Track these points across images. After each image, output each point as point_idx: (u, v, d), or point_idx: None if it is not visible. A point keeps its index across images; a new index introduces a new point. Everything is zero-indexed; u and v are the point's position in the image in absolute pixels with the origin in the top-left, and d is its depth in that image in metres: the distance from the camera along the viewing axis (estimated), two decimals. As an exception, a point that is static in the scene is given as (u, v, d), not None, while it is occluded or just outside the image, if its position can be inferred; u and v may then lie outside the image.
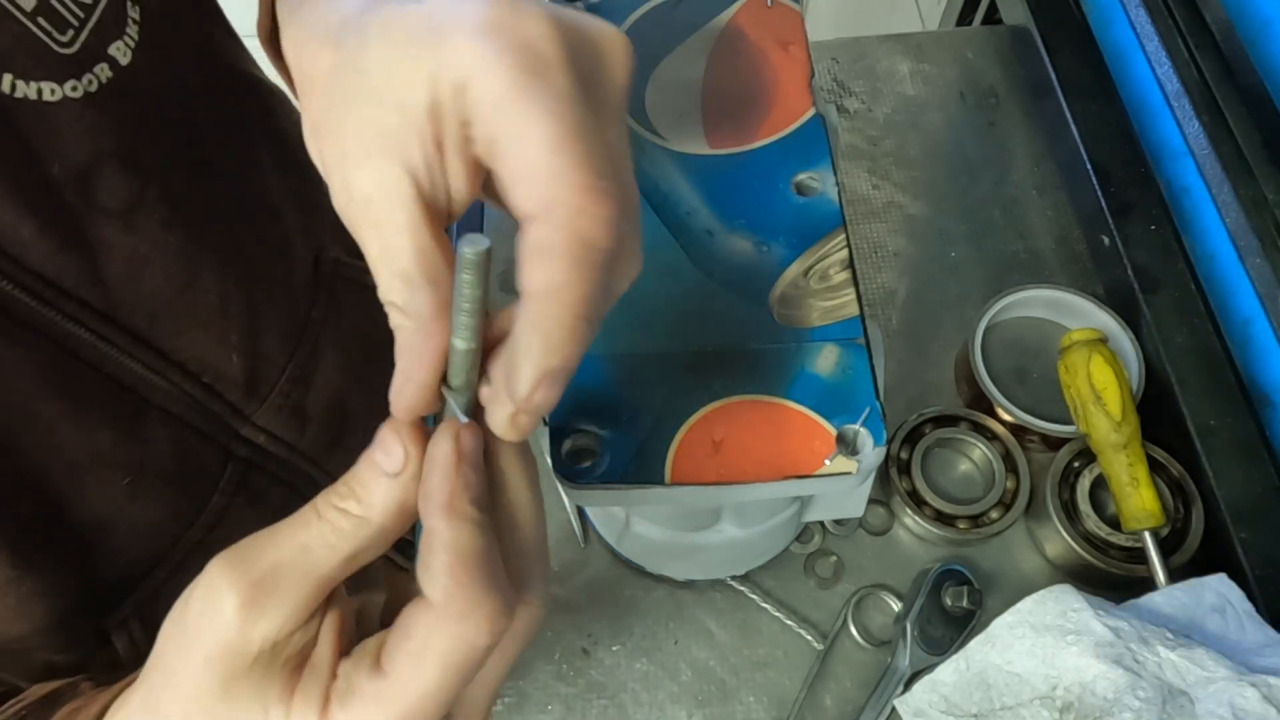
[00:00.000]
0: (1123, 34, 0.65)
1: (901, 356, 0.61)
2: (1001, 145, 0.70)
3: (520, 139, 0.24)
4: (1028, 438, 0.56)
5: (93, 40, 0.35)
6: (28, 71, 0.33)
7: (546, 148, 0.24)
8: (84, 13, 0.35)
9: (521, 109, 0.24)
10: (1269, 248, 0.52)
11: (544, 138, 0.24)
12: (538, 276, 0.25)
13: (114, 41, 0.36)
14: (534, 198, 0.24)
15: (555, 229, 0.24)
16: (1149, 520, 0.50)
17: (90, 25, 0.35)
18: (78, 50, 0.35)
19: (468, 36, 0.24)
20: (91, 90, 0.35)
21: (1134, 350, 0.56)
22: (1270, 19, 0.53)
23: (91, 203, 0.37)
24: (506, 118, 0.24)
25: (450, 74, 0.24)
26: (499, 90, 0.24)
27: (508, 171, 0.25)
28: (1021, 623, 0.45)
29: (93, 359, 0.39)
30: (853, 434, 0.38)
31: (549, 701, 0.52)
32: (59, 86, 0.34)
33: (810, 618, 0.54)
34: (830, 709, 0.52)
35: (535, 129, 0.24)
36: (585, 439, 0.38)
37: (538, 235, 0.24)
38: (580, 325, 0.25)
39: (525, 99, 0.24)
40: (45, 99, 0.34)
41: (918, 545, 0.56)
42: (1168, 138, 0.61)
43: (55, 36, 0.34)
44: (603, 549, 0.56)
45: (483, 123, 0.25)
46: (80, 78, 0.35)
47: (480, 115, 0.24)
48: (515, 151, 0.24)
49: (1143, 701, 0.41)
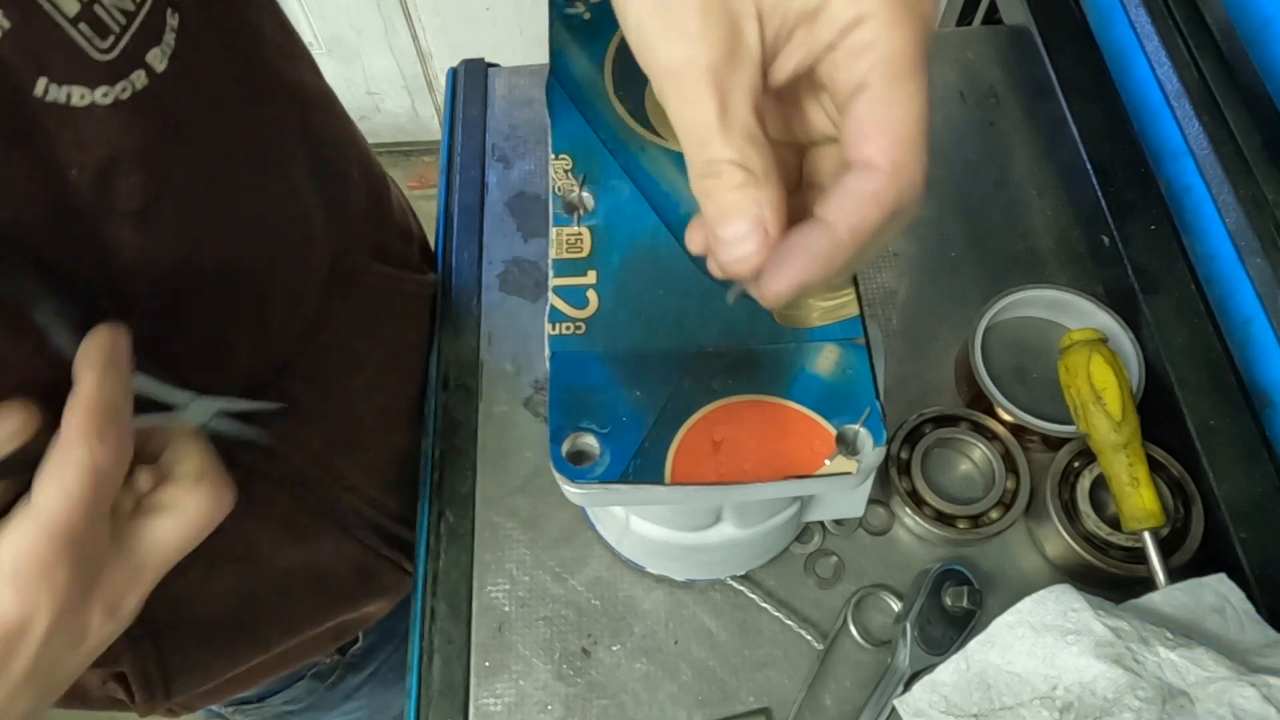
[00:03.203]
0: (1123, 34, 0.65)
1: (901, 356, 0.61)
2: (1001, 145, 0.70)
3: (897, 99, 0.28)
4: (1028, 438, 0.56)
5: (131, 47, 0.35)
6: (63, 76, 0.33)
7: (914, 121, 0.28)
8: (126, 19, 0.35)
9: (909, 77, 0.28)
10: (1269, 248, 0.52)
11: (915, 112, 0.28)
12: (854, 215, 0.29)
13: (152, 48, 0.36)
14: (887, 154, 0.28)
15: (892, 186, 0.28)
16: (1149, 520, 0.50)
17: (131, 32, 0.35)
18: (116, 57, 0.34)
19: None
20: (124, 97, 0.35)
21: (1134, 350, 0.56)
22: (1270, 19, 0.53)
23: (107, 203, 0.37)
24: (893, 73, 0.28)
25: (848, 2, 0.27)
26: (897, 48, 0.27)
27: (872, 121, 0.28)
28: (1021, 623, 0.45)
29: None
30: (853, 434, 0.38)
31: (549, 701, 0.52)
32: (90, 92, 0.34)
33: (810, 618, 0.54)
34: (830, 709, 0.52)
35: (912, 99, 0.28)
36: (585, 439, 0.38)
37: (874, 184, 0.28)
38: (849, 264, 0.30)
39: (915, 69, 0.28)
40: (74, 103, 0.34)
41: (918, 545, 0.56)
42: (1168, 138, 0.61)
43: (96, 43, 0.34)
44: (603, 549, 0.56)
45: (865, 63, 0.28)
46: (115, 84, 0.35)
47: (867, 57, 0.28)
48: (888, 105, 0.28)
49: (1143, 701, 0.41)
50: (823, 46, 0.28)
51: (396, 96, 1.85)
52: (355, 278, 0.55)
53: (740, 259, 0.30)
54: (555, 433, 0.38)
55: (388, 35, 1.70)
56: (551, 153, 0.45)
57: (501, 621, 0.54)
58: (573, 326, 0.41)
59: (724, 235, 0.30)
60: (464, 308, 0.64)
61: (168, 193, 0.39)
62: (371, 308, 0.56)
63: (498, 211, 0.68)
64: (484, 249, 0.66)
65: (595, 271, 0.42)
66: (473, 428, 0.60)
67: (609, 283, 0.42)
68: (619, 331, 0.41)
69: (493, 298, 0.65)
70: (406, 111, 1.89)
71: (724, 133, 0.28)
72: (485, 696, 0.53)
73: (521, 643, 0.54)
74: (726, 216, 0.30)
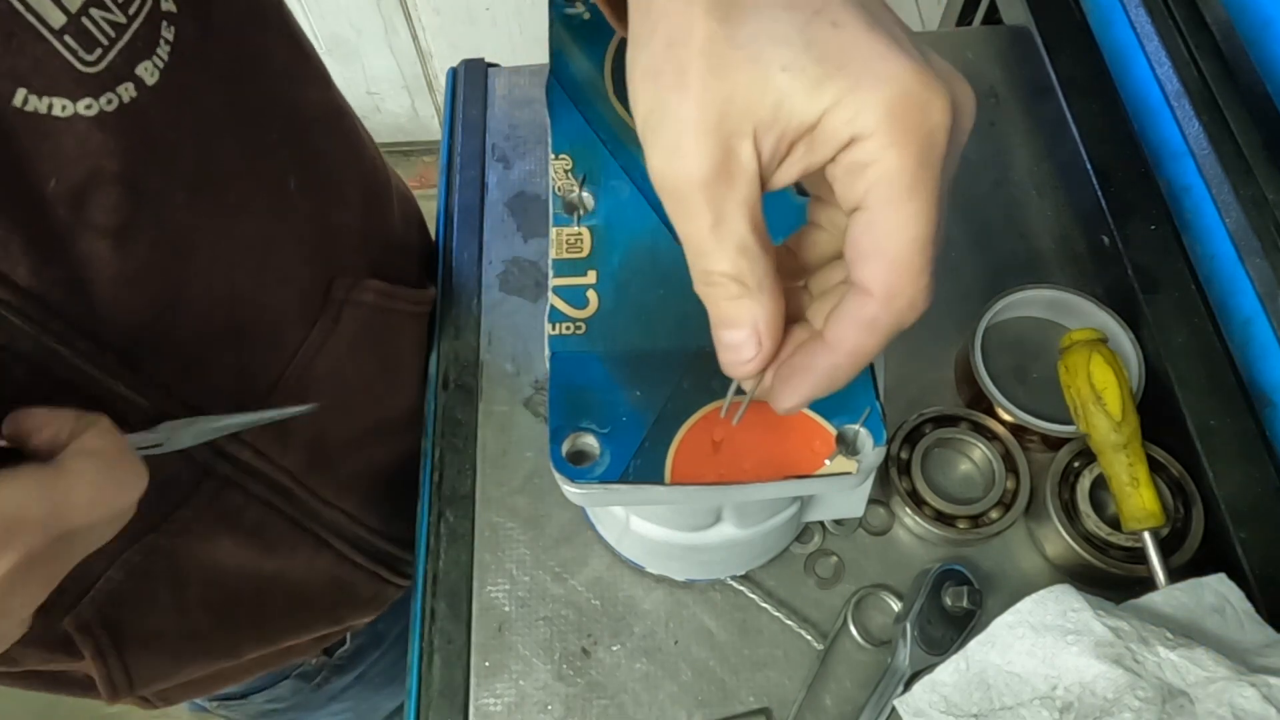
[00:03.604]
0: (1123, 34, 0.65)
1: (901, 356, 0.61)
2: (1001, 145, 0.70)
3: (891, 224, 0.27)
4: (1028, 438, 0.56)
5: (119, 60, 0.34)
6: (43, 88, 0.33)
7: (910, 245, 0.27)
8: (116, 32, 0.34)
9: (906, 204, 0.27)
10: (1269, 248, 0.52)
11: (912, 238, 0.27)
12: (851, 339, 0.29)
13: (142, 61, 0.35)
14: (880, 281, 0.28)
15: (887, 312, 0.28)
16: (1149, 520, 0.50)
17: (120, 45, 0.34)
18: (102, 70, 0.34)
19: (884, 102, 0.26)
20: (109, 109, 0.35)
21: (1134, 350, 0.56)
22: (1270, 19, 0.53)
23: (83, 220, 0.36)
24: (887, 198, 0.27)
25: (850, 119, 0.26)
26: (893, 171, 0.26)
27: (867, 244, 0.28)
28: (1021, 623, 0.45)
29: (71, 376, 0.39)
30: (853, 434, 0.38)
31: (549, 701, 0.52)
32: (72, 104, 0.33)
33: (810, 618, 0.54)
34: (830, 709, 0.52)
35: (909, 227, 0.27)
36: (585, 439, 0.38)
37: (869, 311, 0.28)
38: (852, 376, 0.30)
39: (913, 196, 0.26)
40: (55, 114, 0.33)
41: (918, 545, 0.56)
42: (1168, 138, 0.61)
43: (81, 55, 0.33)
44: (603, 549, 0.56)
45: (862, 183, 0.27)
46: (99, 96, 0.34)
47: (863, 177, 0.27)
48: (882, 230, 0.27)
49: (1143, 701, 0.41)
50: (822, 162, 0.28)
51: (396, 96, 1.85)
52: (348, 297, 0.54)
53: (737, 363, 0.31)
54: (555, 433, 0.38)
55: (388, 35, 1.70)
56: (551, 153, 0.45)
57: (501, 621, 0.54)
58: (573, 326, 0.41)
59: (722, 340, 0.31)
60: (464, 308, 0.64)
61: (147, 211, 0.38)
62: (363, 328, 0.55)
63: (498, 211, 0.68)
64: (484, 249, 0.66)
65: (595, 271, 0.42)
66: (473, 428, 0.60)
67: (609, 283, 0.42)
68: (619, 331, 0.41)
69: (493, 298, 0.65)
70: (406, 111, 1.89)
71: (718, 246, 0.28)
72: (485, 696, 0.53)
73: (521, 643, 0.54)
74: (723, 324, 0.30)
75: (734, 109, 0.27)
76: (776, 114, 0.27)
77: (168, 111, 0.37)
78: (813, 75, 0.26)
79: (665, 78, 0.28)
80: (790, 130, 0.27)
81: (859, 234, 0.28)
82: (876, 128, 0.26)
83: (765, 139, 0.27)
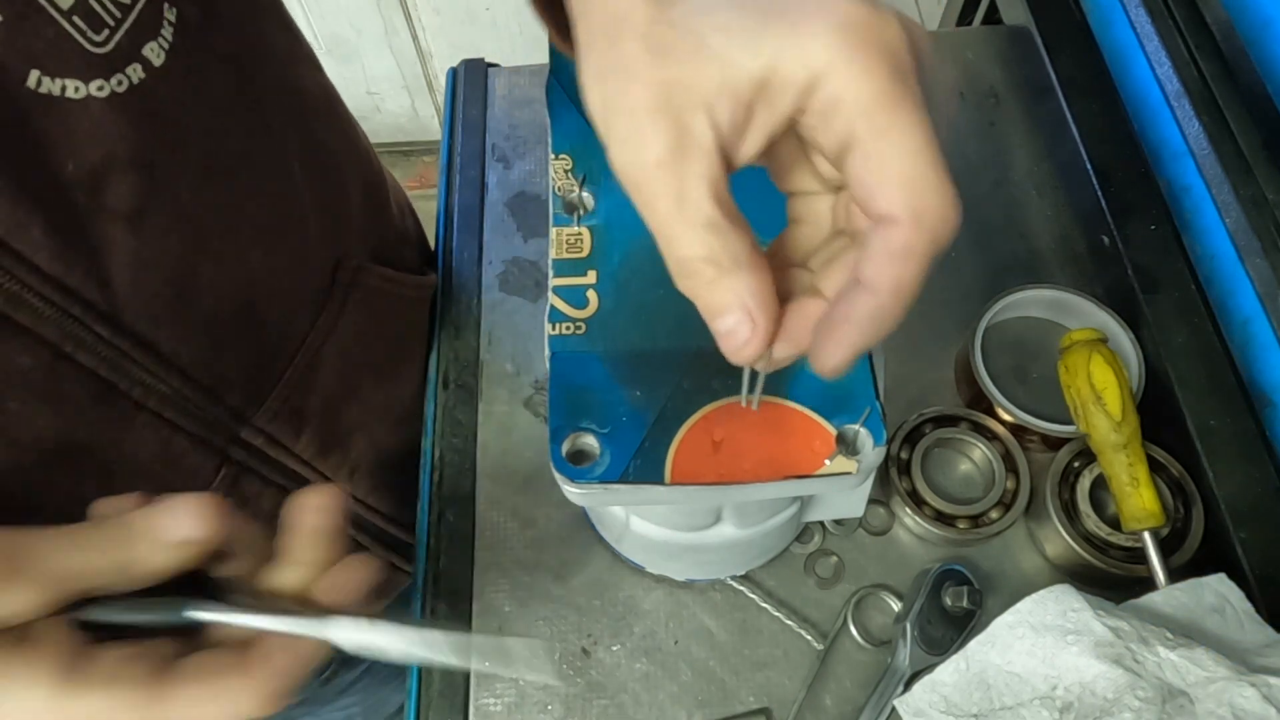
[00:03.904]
0: (1123, 34, 0.65)
1: (901, 356, 0.61)
2: (1001, 145, 0.70)
3: (890, 145, 0.25)
4: (1028, 438, 0.56)
5: (126, 40, 0.35)
6: (56, 69, 0.33)
7: (917, 157, 0.25)
8: (121, 13, 0.34)
9: (892, 117, 0.25)
10: (1269, 248, 0.52)
11: (914, 148, 0.25)
12: (890, 274, 0.27)
13: (149, 42, 0.36)
14: (900, 203, 0.26)
15: (920, 234, 0.26)
16: (1149, 520, 0.50)
17: (126, 25, 0.35)
18: (111, 50, 0.34)
19: (831, 31, 0.25)
20: (120, 90, 0.35)
21: (1134, 350, 0.56)
22: (1270, 19, 0.53)
23: (100, 203, 0.37)
24: (875, 123, 0.25)
25: (800, 60, 0.25)
26: (868, 95, 0.25)
27: (873, 175, 0.26)
28: (1021, 623, 0.45)
29: (91, 361, 0.39)
30: (853, 434, 0.38)
31: (549, 701, 0.52)
32: (84, 85, 0.34)
33: (810, 618, 0.54)
34: (830, 709, 0.52)
35: (906, 138, 0.25)
36: (585, 439, 0.38)
37: (901, 238, 0.26)
38: (900, 319, 0.28)
39: (896, 107, 0.25)
40: (69, 96, 0.34)
41: (918, 545, 0.56)
42: (1168, 138, 0.61)
43: (90, 36, 0.34)
44: (603, 549, 0.56)
45: (841, 120, 0.26)
46: (110, 78, 0.35)
47: (840, 113, 0.25)
48: (883, 156, 0.25)
49: (1143, 701, 0.41)
50: (786, 115, 0.27)
51: (396, 96, 1.85)
52: (354, 280, 0.55)
53: (737, 348, 0.30)
54: (555, 433, 0.38)
55: (388, 35, 1.70)
56: (551, 153, 0.45)
57: (501, 621, 0.54)
58: (573, 326, 0.41)
59: (717, 330, 0.30)
60: (464, 308, 0.64)
61: (162, 194, 0.39)
62: (369, 312, 0.56)
63: (498, 211, 0.68)
64: (484, 249, 0.66)
65: (595, 271, 0.42)
66: (473, 428, 0.60)
67: (609, 283, 0.42)
68: (619, 331, 0.41)
69: (493, 298, 0.65)
70: (406, 111, 1.89)
71: (685, 226, 0.27)
72: (485, 696, 0.53)
73: (521, 643, 0.54)
74: (712, 313, 0.29)
75: (680, 85, 0.26)
76: (723, 79, 0.26)
77: (176, 94, 0.38)
78: (749, 29, 0.26)
79: (612, 74, 0.27)
80: (742, 91, 0.26)
81: (860, 171, 0.26)
82: (833, 58, 0.25)
83: (719, 109, 0.26)
